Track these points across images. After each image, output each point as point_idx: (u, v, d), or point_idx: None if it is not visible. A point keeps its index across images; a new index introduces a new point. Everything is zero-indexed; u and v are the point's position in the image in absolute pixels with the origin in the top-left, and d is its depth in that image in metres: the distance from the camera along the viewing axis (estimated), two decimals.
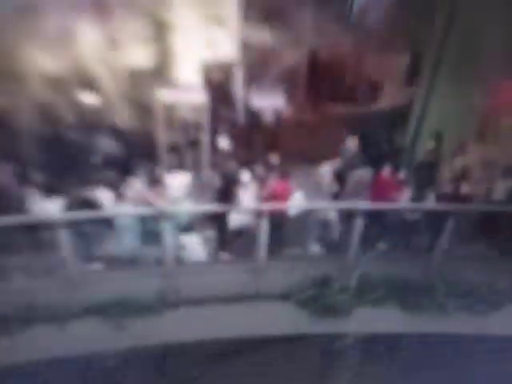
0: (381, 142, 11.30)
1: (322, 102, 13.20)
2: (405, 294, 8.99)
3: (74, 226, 7.88)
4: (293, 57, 12.68)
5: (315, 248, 9.71)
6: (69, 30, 11.43)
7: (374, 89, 13.85)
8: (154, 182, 8.46)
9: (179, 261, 8.76)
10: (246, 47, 12.37)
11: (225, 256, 9.32)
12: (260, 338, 8.81)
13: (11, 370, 7.86)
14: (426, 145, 10.92)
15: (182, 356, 9.12)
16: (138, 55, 12.23)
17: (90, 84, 11.91)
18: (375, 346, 9.61)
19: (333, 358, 9.89)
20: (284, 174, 9.06)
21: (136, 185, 8.45)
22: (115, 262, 8.69)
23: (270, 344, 9.11)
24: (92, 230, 8.29)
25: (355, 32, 12.75)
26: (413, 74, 12.97)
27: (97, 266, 8.64)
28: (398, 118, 12.71)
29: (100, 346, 8.24)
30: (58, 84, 11.62)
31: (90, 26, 11.57)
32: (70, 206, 8.07)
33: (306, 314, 8.78)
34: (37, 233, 8.24)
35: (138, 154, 9.99)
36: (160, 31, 12.21)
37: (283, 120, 12.51)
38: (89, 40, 11.65)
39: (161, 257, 8.52)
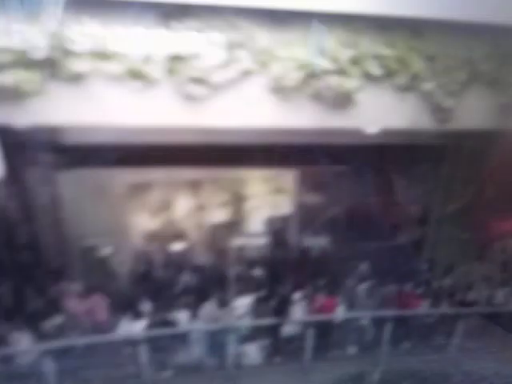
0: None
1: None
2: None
3: (153, 342, 8.52)
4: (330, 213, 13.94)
5: (353, 349, 10.09)
6: (169, 200, 13.32)
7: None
8: (224, 304, 9.24)
9: (238, 366, 9.15)
10: (301, 206, 13.81)
11: (277, 359, 9.70)
12: None
13: None
14: None
15: None
16: (219, 214, 13.76)
17: (179, 236, 13.30)
18: None
19: None
20: (332, 292, 9.88)
21: (208, 308, 9.21)
22: (185, 371, 9.08)
23: None
24: (168, 344, 8.85)
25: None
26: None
27: (167, 374, 9.00)
28: None
29: None
30: (155, 237, 13.15)
31: (184, 197, 13.39)
32: (153, 326, 8.77)
33: None
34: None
35: (211, 284, 10.74)
36: (236, 198, 13.80)
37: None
38: (182, 205, 13.42)
39: (224, 363, 8.99)
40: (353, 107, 8.61)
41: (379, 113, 8.88)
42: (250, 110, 8.27)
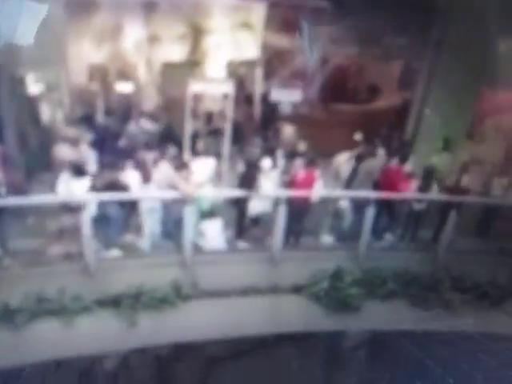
0: (385, 137, 10.44)
1: (330, 102, 12.79)
2: (413, 289, 8.09)
3: (98, 209, 7.05)
4: (304, 61, 12.12)
5: (328, 239, 8.74)
6: (117, 26, 11.21)
7: (373, 91, 13.51)
8: (181, 166, 7.47)
9: (197, 249, 7.81)
10: (266, 49, 12.14)
11: (242, 245, 8.29)
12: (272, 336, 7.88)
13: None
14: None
15: (191, 355, 8.13)
16: (174, 51, 11.85)
17: (127, 74, 11.39)
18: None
19: (342, 356, 8.99)
20: (312, 163, 8.08)
21: (164, 168, 7.53)
22: (134, 250, 7.74)
23: (281, 340, 8.15)
24: (115, 215, 7.35)
25: (359, 43, 12.13)
26: (405, 80, 12.78)
27: (115, 253, 7.63)
28: (396, 116, 12.25)
29: (108, 345, 7.07)
30: (99, 73, 11.18)
31: (135, 24, 11.31)
32: (97, 188, 7.12)
33: (318, 308, 7.80)
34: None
35: (165, 139, 9.09)
36: (195, 32, 11.88)
37: (298, 114, 11.93)
38: (133, 35, 11.40)
39: (180, 244, 7.57)
40: None
41: None
42: None
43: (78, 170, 7.23)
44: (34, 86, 9.59)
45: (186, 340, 7.33)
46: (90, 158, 8.20)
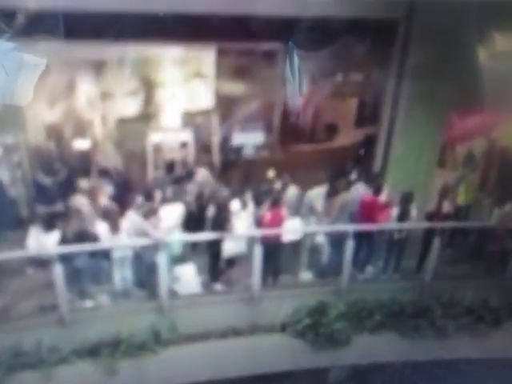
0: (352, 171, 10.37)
1: (289, 143, 12.71)
2: (401, 319, 8.04)
3: (70, 261, 6.87)
4: (259, 105, 12.30)
5: (307, 275, 8.66)
6: (69, 84, 11.00)
7: (330, 130, 13.58)
8: (150, 213, 7.41)
9: (173, 294, 7.67)
10: (220, 97, 12.06)
11: (218, 287, 8.19)
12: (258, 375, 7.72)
13: None
14: None
15: None
16: (128, 106, 11.69)
17: (83, 131, 11.26)
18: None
19: None
20: (277, 201, 8.07)
21: (132, 217, 7.42)
22: (109, 298, 7.54)
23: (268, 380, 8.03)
24: (87, 265, 7.19)
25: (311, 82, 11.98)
26: (363, 116, 12.85)
27: (89, 303, 7.44)
28: (361, 151, 12.29)
29: None
30: (54, 131, 11.00)
31: (87, 82, 11.15)
32: (67, 239, 6.98)
33: (304, 345, 7.72)
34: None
35: (129, 191, 9.02)
36: (147, 86, 11.80)
37: (261, 156, 12.02)
38: (85, 92, 11.21)
39: (155, 291, 7.46)
40: None
41: None
42: None
43: (49, 223, 7.10)
44: None
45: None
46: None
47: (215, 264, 8.12)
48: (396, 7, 9.47)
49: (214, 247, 7.93)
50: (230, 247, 7.95)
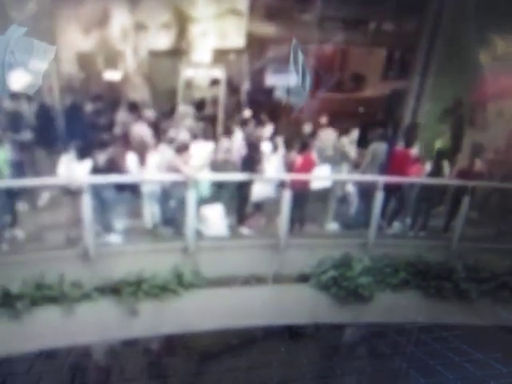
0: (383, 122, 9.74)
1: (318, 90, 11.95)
2: (426, 279, 7.38)
3: (99, 192, 6.39)
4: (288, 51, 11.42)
5: (334, 226, 8.05)
6: (104, 14, 10.35)
7: (358, 80, 12.51)
8: (182, 148, 6.82)
9: (198, 235, 7.11)
10: (252, 37, 11.29)
11: (244, 231, 7.61)
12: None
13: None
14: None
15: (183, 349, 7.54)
16: (160, 40, 10.97)
17: (114, 63, 10.60)
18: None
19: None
20: (307, 145, 7.48)
21: (165, 150, 6.87)
22: (135, 234, 7.03)
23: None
24: (115, 198, 6.68)
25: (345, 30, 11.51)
26: (392, 70, 11.92)
27: (115, 239, 6.93)
28: (391, 103, 11.48)
29: (109, 334, 6.40)
30: (87, 61, 10.40)
31: (122, 12, 10.51)
32: (98, 169, 6.47)
33: (326, 298, 7.14)
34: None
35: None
36: (181, 20, 11.06)
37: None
38: (119, 22, 10.54)
39: (181, 230, 6.94)
40: None
41: None
42: None
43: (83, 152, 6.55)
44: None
45: (187, 330, 6.66)
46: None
47: (243, 207, 7.54)
48: None
49: (244, 189, 7.34)
50: (259, 190, 7.37)
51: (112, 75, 10.40)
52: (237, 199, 7.50)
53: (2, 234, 6.51)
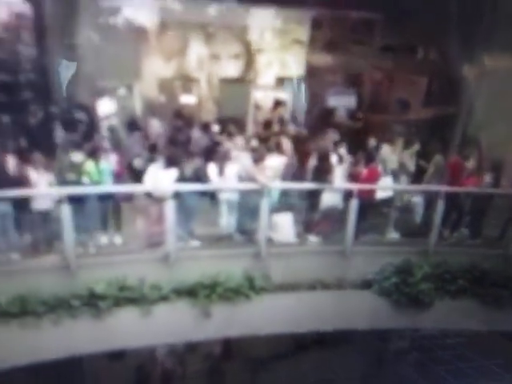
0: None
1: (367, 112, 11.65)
2: (483, 286, 6.74)
3: (181, 199, 5.99)
4: (343, 77, 11.47)
5: (394, 235, 7.34)
6: (182, 45, 10.58)
7: (402, 105, 12.07)
8: (259, 158, 6.46)
9: (269, 241, 6.53)
10: (311, 66, 11.35)
11: (312, 238, 6.95)
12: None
13: None
14: None
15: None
16: (231, 69, 11.14)
17: (189, 88, 10.78)
18: None
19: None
20: (372, 158, 6.99)
21: (244, 159, 6.51)
22: (211, 240, 6.54)
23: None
24: (196, 205, 6.30)
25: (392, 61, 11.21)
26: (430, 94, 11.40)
27: (194, 243, 6.43)
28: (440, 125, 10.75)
29: (183, 335, 6.19)
30: (166, 86, 10.54)
31: (198, 43, 10.71)
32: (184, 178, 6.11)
33: (388, 304, 6.63)
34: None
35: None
36: (249, 52, 11.19)
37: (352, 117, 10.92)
38: (195, 53, 10.78)
39: (254, 237, 6.44)
40: None
41: None
42: None
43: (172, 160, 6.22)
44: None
45: (255, 333, 6.38)
46: None
47: (312, 215, 6.94)
48: None
49: (313, 198, 6.75)
50: (327, 199, 6.77)
51: (187, 99, 10.39)
52: (306, 207, 6.92)
53: (98, 238, 6.24)
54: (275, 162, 6.92)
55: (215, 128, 8.50)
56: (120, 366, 6.72)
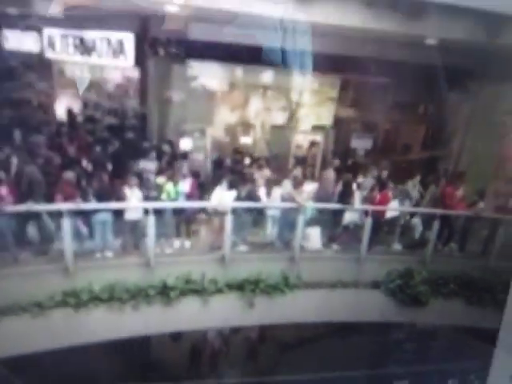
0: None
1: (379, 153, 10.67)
2: (470, 290, 6.24)
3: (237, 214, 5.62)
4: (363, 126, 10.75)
5: (398, 246, 6.78)
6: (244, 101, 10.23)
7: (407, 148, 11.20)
8: (299, 184, 6.03)
9: (302, 248, 6.14)
10: (338, 117, 10.70)
11: (334, 246, 6.48)
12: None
13: None
14: None
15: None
16: (279, 117, 10.66)
17: (248, 132, 10.32)
18: None
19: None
20: (384, 186, 6.48)
21: (287, 184, 6.09)
22: (257, 246, 6.16)
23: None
24: (248, 218, 5.93)
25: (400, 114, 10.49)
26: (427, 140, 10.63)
27: (243, 248, 6.05)
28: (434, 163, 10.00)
29: (233, 321, 5.82)
30: (230, 130, 10.15)
31: (255, 99, 10.37)
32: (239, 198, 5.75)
33: (393, 302, 6.15)
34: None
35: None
36: (292, 105, 10.64)
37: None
38: (254, 106, 10.40)
39: (290, 244, 6.03)
40: None
41: None
42: None
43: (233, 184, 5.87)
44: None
45: (289, 322, 5.98)
46: None
47: (335, 229, 6.49)
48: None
49: (338, 215, 6.33)
50: (349, 217, 6.36)
51: (245, 139, 10.02)
52: (331, 223, 6.51)
53: (172, 242, 5.85)
54: (310, 187, 6.41)
55: (247, 161, 8.06)
56: (177, 345, 6.22)
